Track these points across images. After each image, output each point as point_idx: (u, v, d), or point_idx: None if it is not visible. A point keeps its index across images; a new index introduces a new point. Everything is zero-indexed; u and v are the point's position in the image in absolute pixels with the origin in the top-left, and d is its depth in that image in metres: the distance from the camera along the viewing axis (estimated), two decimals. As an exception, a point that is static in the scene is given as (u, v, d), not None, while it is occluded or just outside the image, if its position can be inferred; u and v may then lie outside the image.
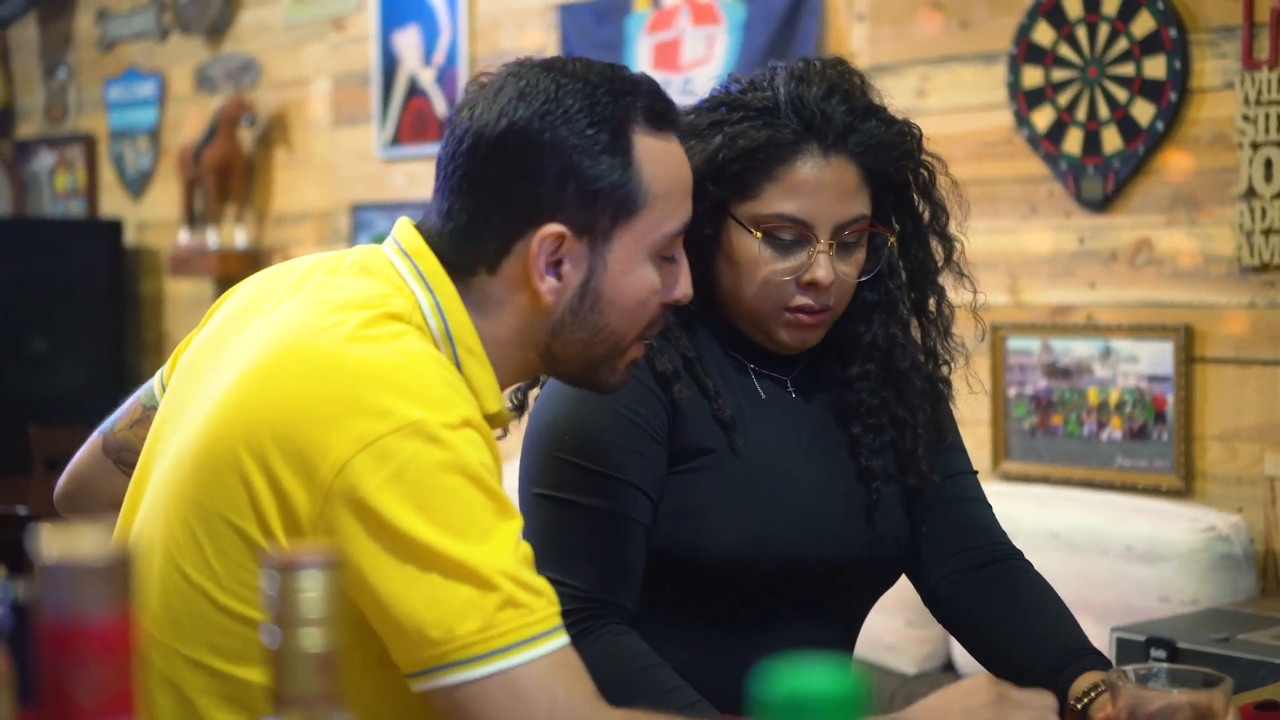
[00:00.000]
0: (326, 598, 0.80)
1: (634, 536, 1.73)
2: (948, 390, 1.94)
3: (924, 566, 1.92)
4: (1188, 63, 3.37)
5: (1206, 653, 2.71)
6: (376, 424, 1.34)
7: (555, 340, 1.53)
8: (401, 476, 1.33)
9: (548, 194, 1.47)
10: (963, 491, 1.94)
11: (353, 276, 1.51)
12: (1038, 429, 3.64)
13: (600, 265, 1.50)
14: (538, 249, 1.48)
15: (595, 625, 1.67)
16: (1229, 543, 3.18)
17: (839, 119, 1.77)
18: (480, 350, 1.50)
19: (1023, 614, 1.85)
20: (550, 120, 1.47)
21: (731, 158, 1.76)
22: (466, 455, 1.36)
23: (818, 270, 1.76)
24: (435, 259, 1.51)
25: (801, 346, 1.82)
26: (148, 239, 6.12)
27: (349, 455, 1.34)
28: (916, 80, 3.80)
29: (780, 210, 1.76)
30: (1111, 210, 3.52)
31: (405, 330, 1.43)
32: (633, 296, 1.52)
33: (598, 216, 1.49)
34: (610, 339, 1.54)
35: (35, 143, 6.62)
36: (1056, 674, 1.75)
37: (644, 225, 1.51)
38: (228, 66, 5.74)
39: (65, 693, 0.69)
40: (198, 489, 1.42)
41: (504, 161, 1.48)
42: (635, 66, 4.42)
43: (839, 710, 0.57)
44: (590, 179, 1.48)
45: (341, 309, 1.44)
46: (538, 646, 1.34)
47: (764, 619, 1.80)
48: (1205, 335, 3.37)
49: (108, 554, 0.69)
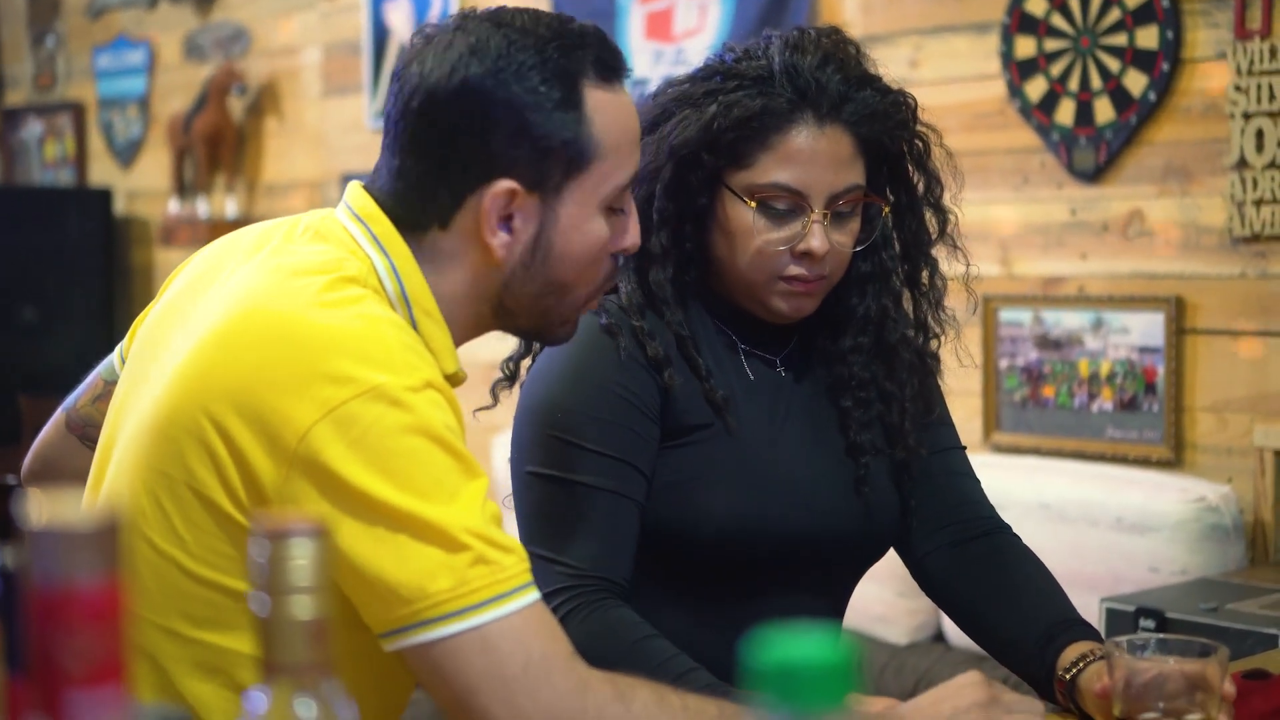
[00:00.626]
0: (316, 565, 0.80)
1: (627, 513, 1.73)
2: (936, 365, 1.94)
3: (912, 541, 1.92)
4: (1180, 33, 3.37)
5: (1196, 622, 2.72)
6: (338, 390, 1.35)
7: (507, 293, 1.54)
8: (365, 441, 1.34)
9: (500, 150, 1.48)
10: (951, 466, 1.94)
11: (307, 242, 1.52)
12: (1028, 400, 3.64)
13: (551, 219, 1.51)
14: (490, 205, 1.48)
15: (590, 602, 1.67)
16: (1219, 513, 3.18)
17: (834, 88, 1.76)
18: (436, 311, 1.51)
19: (1011, 587, 1.86)
20: (503, 77, 1.47)
21: (726, 127, 1.76)
22: (430, 417, 1.36)
23: (812, 240, 1.75)
24: (388, 221, 1.51)
25: (797, 315, 1.82)
26: (138, 208, 6.11)
27: (311, 422, 1.34)
28: (909, 50, 3.79)
29: (775, 179, 1.76)
30: (1103, 181, 3.52)
31: (364, 295, 1.44)
32: (583, 249, 1.53)
33: (550, 172, 1.49)
34: (561, 291, 1.55)
35: (23, 111, 6.59)
36: (1045, 645, 1.75)
37: (595, 178, 1.52)
38: (217, 35, 5.72)
39: (54, 660, 0.68)
40: (162, 458, 1.42)
41: (456, 118, 1.48)
42: (628, 36, 4.41)
43: (830, 678, 0.57)
44: (543, 135, 1.48)
45: (298, 274, 1.44)
46: (511, 602, 1.35)
47: (754, 591, 1.80)
48: (1196, 306, 3.37)
49: (96, 520, 0.68)
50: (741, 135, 1.76)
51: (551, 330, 1.61)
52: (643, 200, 1.79)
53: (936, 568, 1.92)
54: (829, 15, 3.88)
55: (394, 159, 1.52)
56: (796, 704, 0.56)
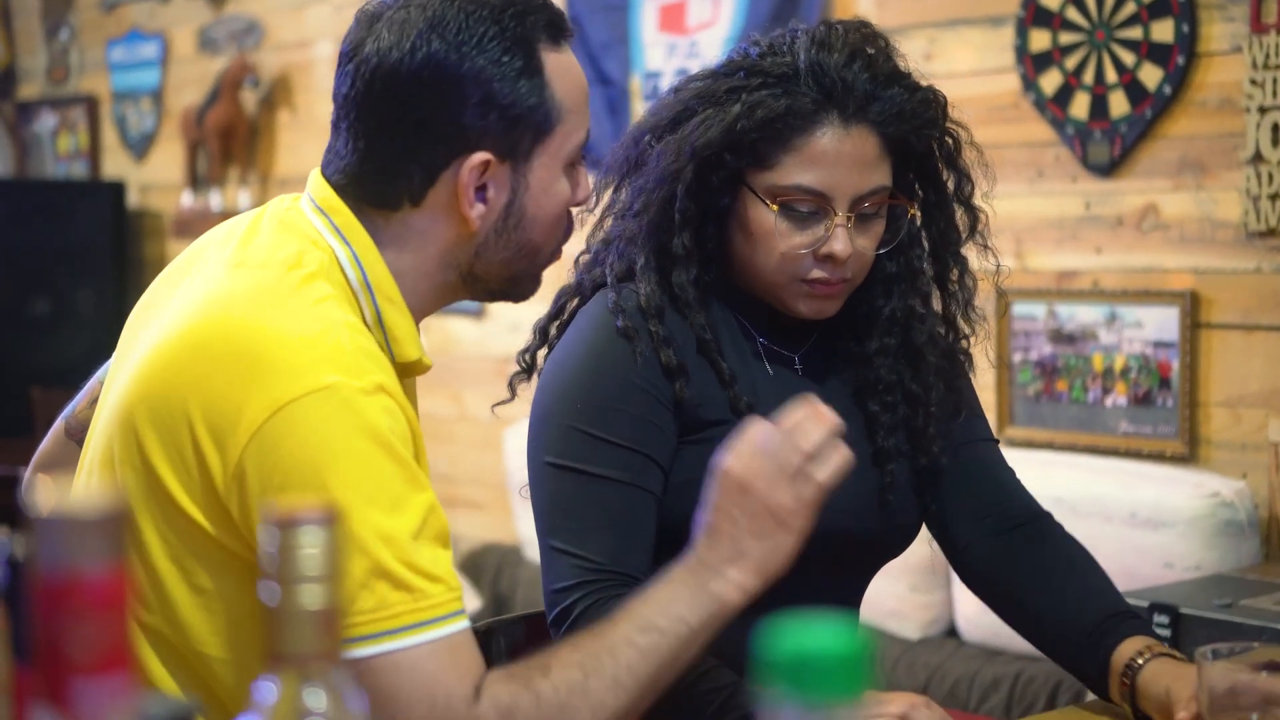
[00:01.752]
0: (326, 554, 0.80)
1: (646, 507, 1.72)
2: (968, 363, 1.92)
3: (954, 534, 1.90)
4: (1195, 26, 3.35)
5: (1210, 618, 2.70)
6: (289, 388, 1.35)
7: (478, 261, 1.55)
8: (311, 441, 1.34)
9: (471, 124, 1.49)
10: (986, 458, 1.93)
11: (271, 234, 1.52)
12: (1042, 395, 3.63)
13: (522, 185, 1.53)
14: (466, 178, 1.49)
15: (608, 596, 1.66)
16: (1233, 509, 3.17)
17: (860, 87, 1.73)
18: (399, 297, 1.52)
19: (1056, 575, 1.83)
20: (466, 50, 1.48)
21: (749, 128, 1.72)
22: (378, 422, 1.36)
23: (835, 244, 1.73)
24: (349, 211, 1.52)
25: (819, 316, 1.80)
26: (150, 201, 6.11)
27: (262, 420, 1.34)
28: (923, 43, 3.78)
29: (798, 182, 1.73)
30: (1118, 175, 3.50)
31: (323, 297, 1.44)
32: (552, 210, 1.56)
33: (520, 140, 1.51)
34: (531, 253, 1.57)
35: (37, 104, 6.59)
36: (1098, 640, 1.73)
37: (559, 140, 1.54)
38: (231, 28, 5.71)
39: (60, 648, 0.68)
40: (124, 453, 1.43)
41: (423, 96, 1.49)
42: (641, 29, 4.40)
43: (845, 669, 0.57)
44: (510, 104, 1.49)
45: (258, 270, 1.45)
46: (426, 632, 1.34)
47: (770, 591, 1.79)
48: (1211, 301, 3.36)
49: (102, 508, 0.68)
50: (765, 136, 1.73)
51: (520, 290, 1.62)
52: (664, 200, 1.77)
53: (979, 557, 1.89)
54: (844, 8, 3.86)
55: (358, 140, 1.52)
56: (811, 695, 0.56)
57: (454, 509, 4.95)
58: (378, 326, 1.51)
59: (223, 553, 1.40)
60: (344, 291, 1.48)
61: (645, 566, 1.71)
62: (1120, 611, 1.76)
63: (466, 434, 4.96)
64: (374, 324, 1.50)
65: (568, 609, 1.67)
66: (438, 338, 5.03)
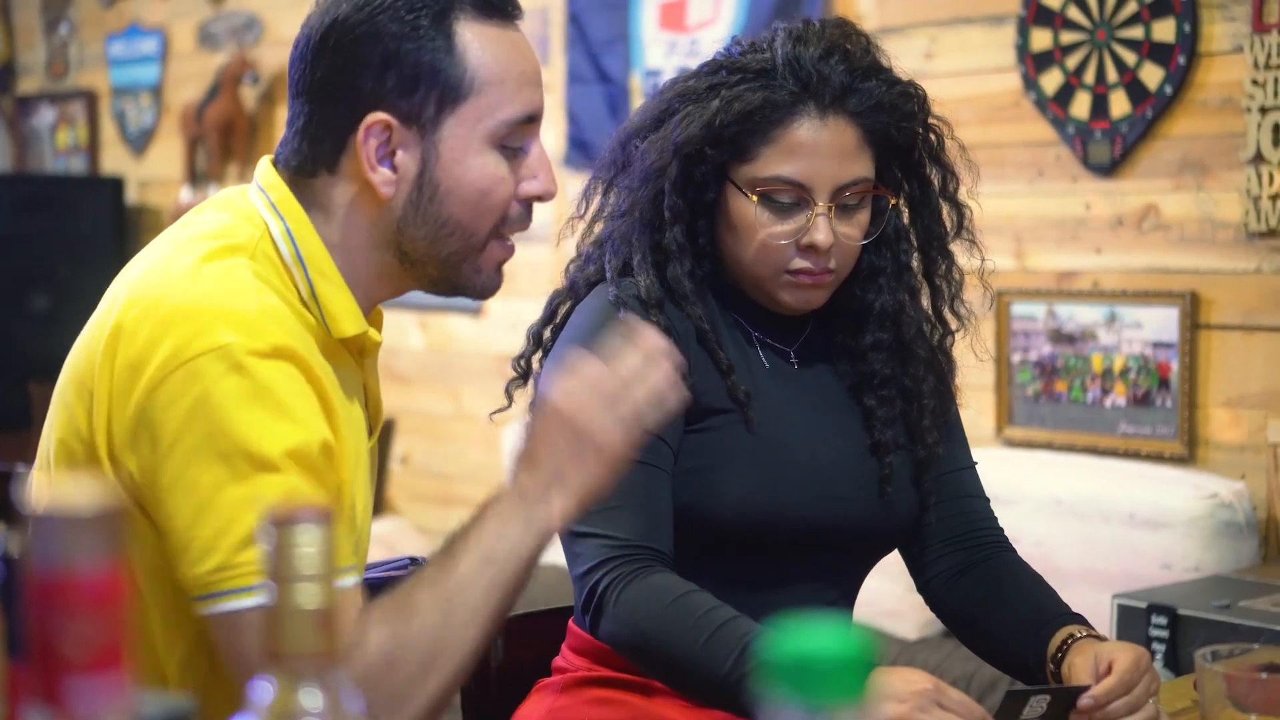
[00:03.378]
0: (323, 553, 0.79)
1: (663, 485, 1.74)
2: (948, 365, 1.93)
3: (922, 562, 1.93)
4: (1197, 26, 3.35)
5: (1208, 619, 2.70)
6: (188, 346, 1.36)
7: (404, 238, 1.54)
8: (204, 399, 1.35)
9: (369, 84, 1.49)
10: (964, 488, 1.94)
11: (211, 212, 1.55)
12: (1041, 395, 3.62)
13: (433, 154, 1.51)
14: (364, 138, 1.49)
15: (633, 570, 1.68)
16: (1232, 510, 3.17)
17: (837, 79, 1.75)
18: (334, 273, 1.52)
19: (1007, 594, 1.87)
20: (369, 10, 1.49)
21: (727, 121, 1.76)
22: (272, 382, 1.37)
23: (816, 233, 1.75)
24: (285, 187, 1.53)
25: (805, 307, 1.81)
26: (150, 197, 6.10)
27: (162, 375, 1.36)
28: (924, 42, 3.77)
29: (777, 173, 1.76)
30: (1119, 175, 3.50)
31: (238, 263, 1.46)
32: (472, 185, 1.52)
33: (422, 103, 1.49)
34: (458, 232, 1.54)
35: (36, 99, 6.59)
36: (1035, 634, 1.77)
37: (475, 111, 1.51)
38: (230, 23, 5.71)
39: (54, 645, 0.67)
40: (60, 427, 1.46)
41: (329, 59, 1.50)
42: (641, 27, 4.40)
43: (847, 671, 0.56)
44: (409, 65, 1.49)
45: (187, 244, 1.47)
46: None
47: (770, 578, 1.80)
48: (1211, 302, 3.35)
49: (98, 505, 0.67)
50: (744, 129, 1.76)
51: (464, 278, 1.58)
52: (653, 197, 1.80)
53: (941, 588, 1.93)
54: (844, 8, 3.86)
55: (291, 112, 1.56)
56: (813, 698, 0.55)
57: (451, 507, 4.95)
58: (313, 300, 1.51)
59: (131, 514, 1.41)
60: (275, 265, 1.49)
61: (670, 542, 1.72)
62: (1060, 613, 1.80)
63: (464, 432, 4.95)
64: (309, 298, 1.51)
65: (595, 587, 1.68)
66: (436, 335, 5.03)
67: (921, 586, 1.96)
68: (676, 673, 1.67)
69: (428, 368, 5.06)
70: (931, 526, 1.91)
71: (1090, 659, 1.67)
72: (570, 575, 1.75)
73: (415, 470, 5.12)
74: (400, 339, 4.98)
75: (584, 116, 4.51)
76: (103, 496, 0.68)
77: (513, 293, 4.64)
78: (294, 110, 1.55)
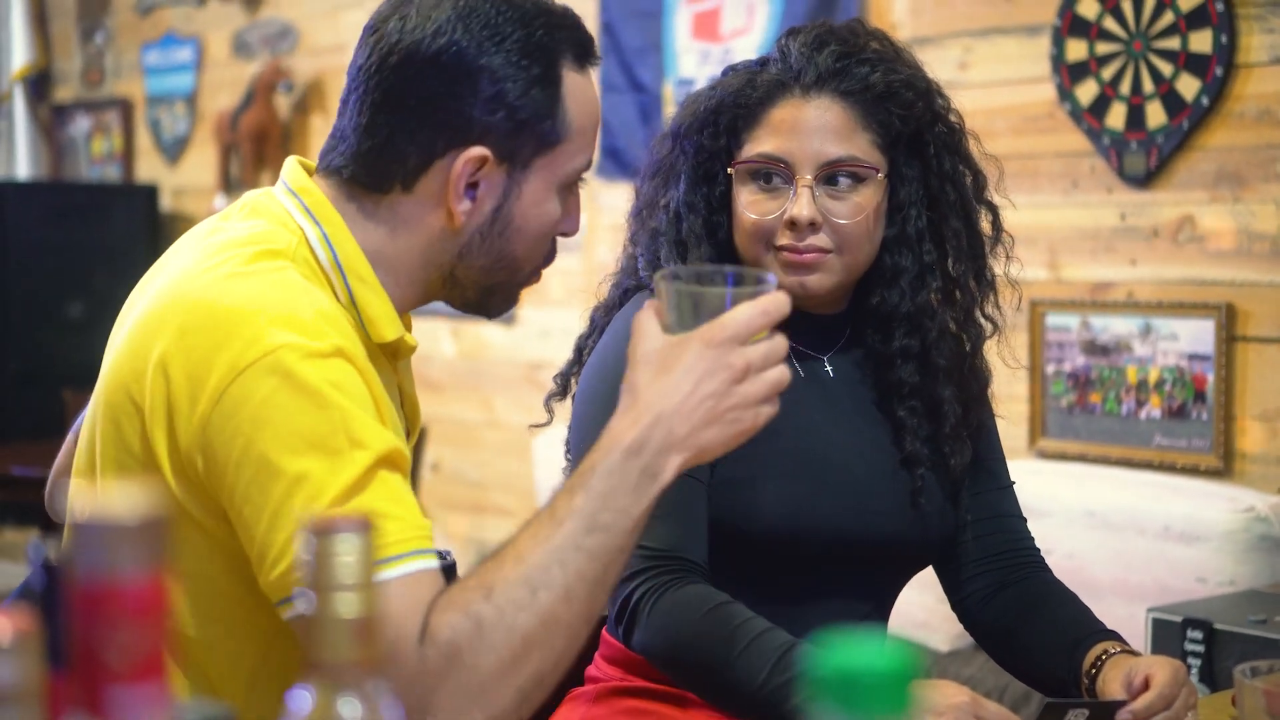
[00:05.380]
0: (362, 562, 0.79)
1: (698, 494, 1.74)
2: (978, 375, 1.91)
3: (958, 577, 1.93)
4: (1234, 37, 3.33)
5: (1244, 634, 2.68)
6: (246, 352, 1.35)
7: (460, 264, 1.55)
8: (269, 402, 1.34)
9: (478, 117, 1.49)
10: (1001, 508, 1.94)
11: (242, 219, 1.54)
12: (1076, 407, 3.61)
13: (515, 193, 1.52)
14: (461, 169, 1.49)
15: (668, 581, 1.68)
16: (1267, 523, 3.14)
17: (824, 62, 1.79)
18: (372, 277, 1.52)
19: (1043, 613, 1.87)
20: (487, 45, 1.49)
21: (713, 107, 1.82)
22: (334, 380, 1.36)
23: (795, 206, 1.76)
24: (320, 193, 1.53)
25: (803, 291, 1.79)
26: (184, 205, 6.12)
27: (225, 383, 1.35)
28: (959, 52, 3.76)
29: (760, 150, 1.80)
30: (1154, 186, 3.48)
31: (283, 265, 1.45)
32: (538, 226, 1.55)
33: (522, 145, 1.51)
34: (511, 265, 1.56)
35: (72, 107, 6.62)
36: (1071, 652, 1.77)
37: (560, 158, 1.54)
38: (265, 32, 5.73)
39: (95, 654, 0.67)
40: (105, 441, 1.44)
41: (436, 80, 1.49)
42: (674, 36, 4.40)
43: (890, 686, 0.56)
44: (519, 108, 1.50)
45: (224, 249, 1.46)
46: (389, 569, 1.31)
47: (804, 591, 1.80)
48: (1247, 314, 3.33)
49: (141, 514, 0.67)
50: (735, 115, 1.81)
51: (493, 305, 1.61)
52: (666, 194, 1.87)
53: (975, 607, 1.93)
54: (878, 17, 3.85)
55: (363, 114, 1.52)
56: (858, 712, 0.55)
57: (482, 515, 4.95)
58: (351, 306, 1.51)
59: (189, 525, 1.40)
60: (313, 270, 1.49)
61: (704, 553, 1.72)
62: (1095, 630, 1.80)
63: (496, 440, 4.95)
64: (347, 304, 1.50)
65: (630, 597, 1.68)
66: (468, 343, 5.03)
67: (956, 604, 1.96)
68: (710, 684, 1.67)
69: (459, 375, 5.06)
70: (967, 545, 1.91)
71: (1124, 673, 1.66)
72: None
73: (446, 478, 5.13)
74: (432, 346, 4.99)
75: (617, 125, 4.51)
76: (146, 506, 0.68)
77: (545, 302, 4.67)
78: (372, 116, 1.51)
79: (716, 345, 1.33)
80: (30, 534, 5.33)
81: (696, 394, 1.32)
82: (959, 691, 1.54)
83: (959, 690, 1.54)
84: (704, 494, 1.74)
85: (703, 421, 1.32)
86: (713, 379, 1.32)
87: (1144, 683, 1.63)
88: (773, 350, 1.36)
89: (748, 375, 1.33)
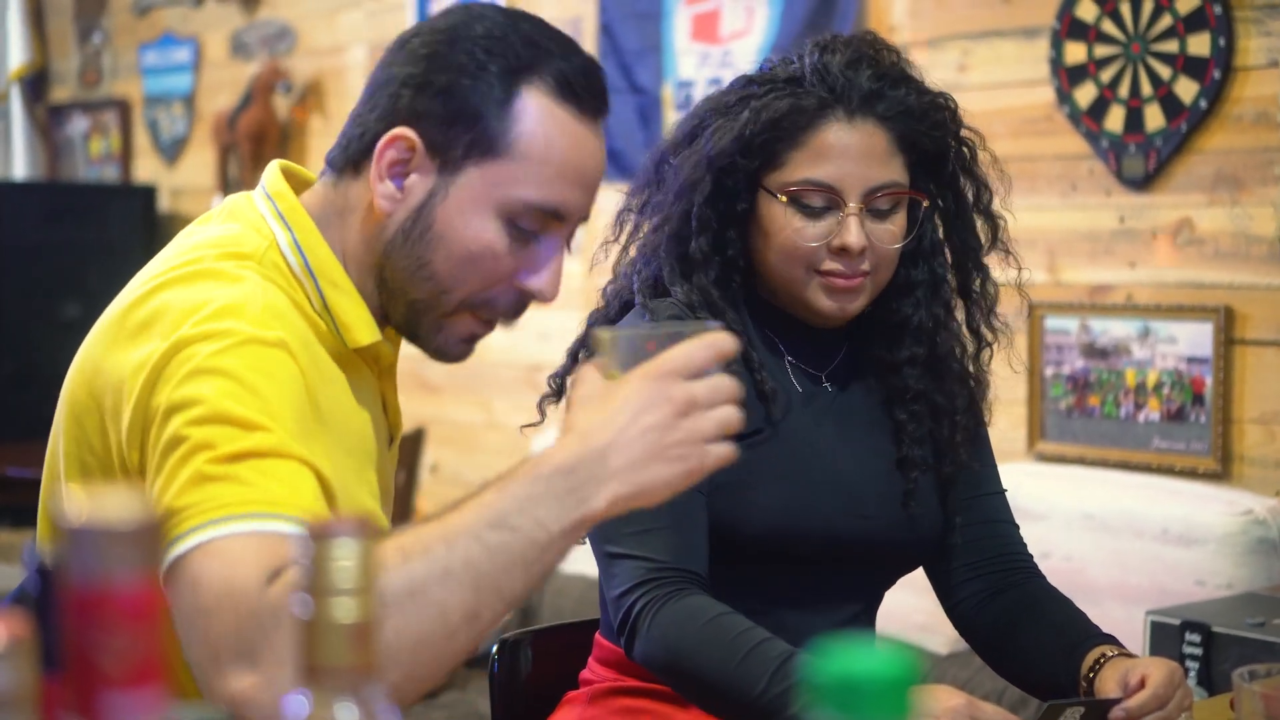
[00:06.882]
0: (360, 567, 0.79)
1: (699, 505, 1.74)
2: (980, 384, 1.92)
3: (949, 581, 1.93)
4: (1232, 40, 3.33)
5: (1242, 637, 2.68)
6: (185, 334, 1.34)
7: (387, 262, 1.51)
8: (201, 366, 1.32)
9: (418, 100, 1.48)
10: (994, 514, 1.94)
11: (218, 222, 1.54)
12: (1074, 409, 3.60)
13: (441, 193, 1.48)
14: (384, 146, 1.48)
15: (669, 592, 1.68)
16: (1266, 526, 3.14)
17: (864, 84, 1.77)
18: (345, 281, 1.50)
19: (1038, 620, 1.87)
20: (451, 35, 1.49)
21: (757, 130, 1.77)
22: (268, 367, 1.34)
23: (847, 235, 1.75)
24: (293, 196, 1.53)
25: (842, 314, 1.80)
26: (182, 205, 6.12)
27: (162, 364, 1.34)
28: (958, 55, 3.76)
29: (807, 176, 1.77)
30: (1152, 189, 3.48)
31: (247, 267, 1.44)
32: (462, 242, 1.48)
33: (453, 140, 1.47)
34: (433, 281, 1.50)
35: (69, 107, 6.62)
36: (1069, 655, 1.77)
37: (500, 174, 1.47)
38: (263, 33, 5.73)
39: (90, 659, 0.67)
40: (69, 440, 1.44)
41: (397, 63, 1.51)
42: (674, 38, 4.39)
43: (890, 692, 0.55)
44: (458, 99, 1.47)
45: (194, 250, 1.47)
46: (235, 524, 1.26)
47: (793, 593, 1.81)
48: (1245, 317, 3.33)
49: (136, 518, 0.67)
50: (773, 136, 1.77)
51: (423, 330, 1.54)
52: (682, 213, 1.81)
53: (969, 613, 1.93)
54: (877, 19, 3.85)
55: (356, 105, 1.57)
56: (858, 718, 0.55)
57: (480, 516, 4.94)
58: (325, 312, 1.49)
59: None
60: (284, 274, 1.48)
61: (704, 564, 1.72)
62: (1091, 634, 1.80)
63: (494, 442, 4.95)
64: (320, 309, 1.49)
65: (630, 609, 1.69)
66: (466, 345, 5.03)
67: (949, 609, 1.96)
68: (710, 693, 1.67)
69: (458, 377, 5.06)
70: (959, 550, 1.91)
71: (1120, 673, 1.66)
72: (605, 596, 1.75)
73: (445, 479, 5.12)
74: (430, 349, 4.98)
75: (616, 127, 4.50)
76: (139, 509, 0.67)
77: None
78: (356, 107, 1.56)
79: (656, 378, 1.25)
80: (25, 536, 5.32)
81: (635, 425, 1.23)
82: (955, 695, 1.54)
83: (955, 694, 1.54)
84: (704, 505, 1.74)
85: (644, 456, 1.24)
86: (653, 411, 1.23)
87: (1140, 682, 1.64)
88: (720, 386, 1.26)
89: (692, 410, 1.25)
